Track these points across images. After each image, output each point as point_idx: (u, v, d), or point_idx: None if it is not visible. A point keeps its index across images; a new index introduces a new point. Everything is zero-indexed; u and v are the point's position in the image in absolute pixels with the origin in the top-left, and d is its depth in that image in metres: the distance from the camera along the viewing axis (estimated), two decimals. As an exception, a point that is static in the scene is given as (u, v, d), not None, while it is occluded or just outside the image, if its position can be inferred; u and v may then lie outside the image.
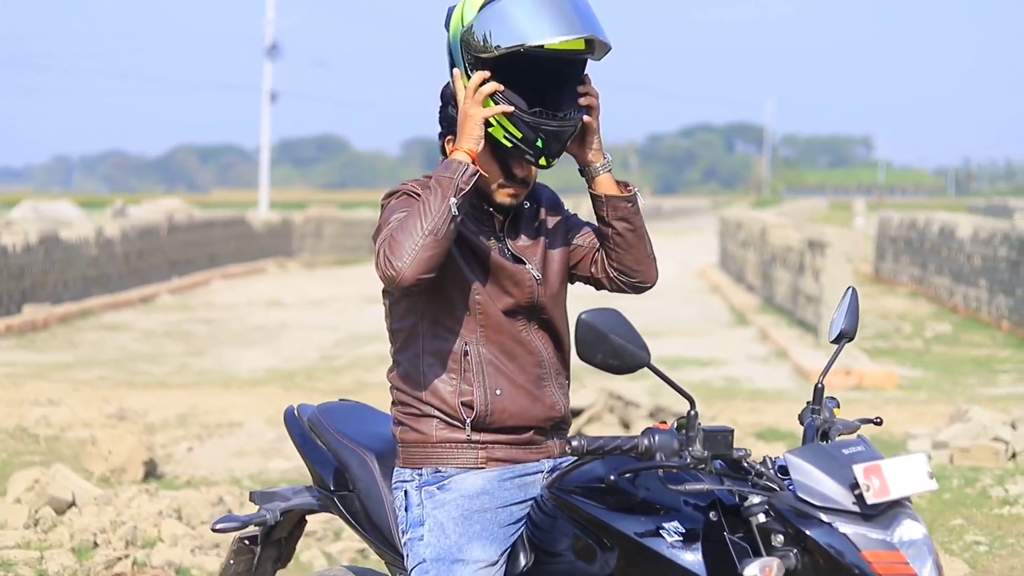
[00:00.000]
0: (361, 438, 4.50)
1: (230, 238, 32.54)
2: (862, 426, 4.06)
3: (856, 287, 4.35)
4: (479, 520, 4.07)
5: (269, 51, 56.52)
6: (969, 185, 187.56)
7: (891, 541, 3.51)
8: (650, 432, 3.67)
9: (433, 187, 3.91)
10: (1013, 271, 20.70)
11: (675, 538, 3.73)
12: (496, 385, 4.07)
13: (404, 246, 3.86)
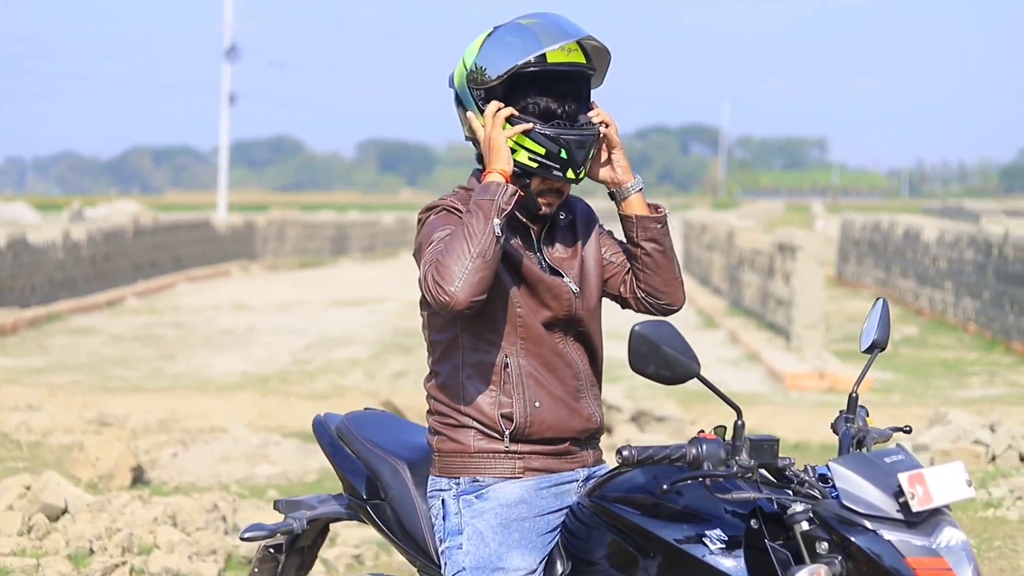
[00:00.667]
0: (392, 447, 4.53)
1: (194, 241, 32.46)
2: (893, 434, 4.12)
3: (882, 298, 4.41)
4: (518, 529, 4.11)
5: (228, 53, 56.35)
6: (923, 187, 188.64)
7: (934, 547, 3.58)
8: (698, 442, 3.73)
9: (474, 210, 3.97)
10: (979, 274, 20.89)
11: (718, 545, 3.78)
12: (536, 397, 4.11)
13: (453, 271, 3.91)
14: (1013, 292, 19.18)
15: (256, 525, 4.76)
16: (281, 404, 13.69)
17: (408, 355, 18.52)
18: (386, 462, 4.50)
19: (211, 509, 8.39)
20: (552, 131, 4.03)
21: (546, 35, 4.01)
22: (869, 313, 4.31)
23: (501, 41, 4.04)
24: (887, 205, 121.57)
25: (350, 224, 44.01)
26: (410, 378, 16.29)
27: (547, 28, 4.04)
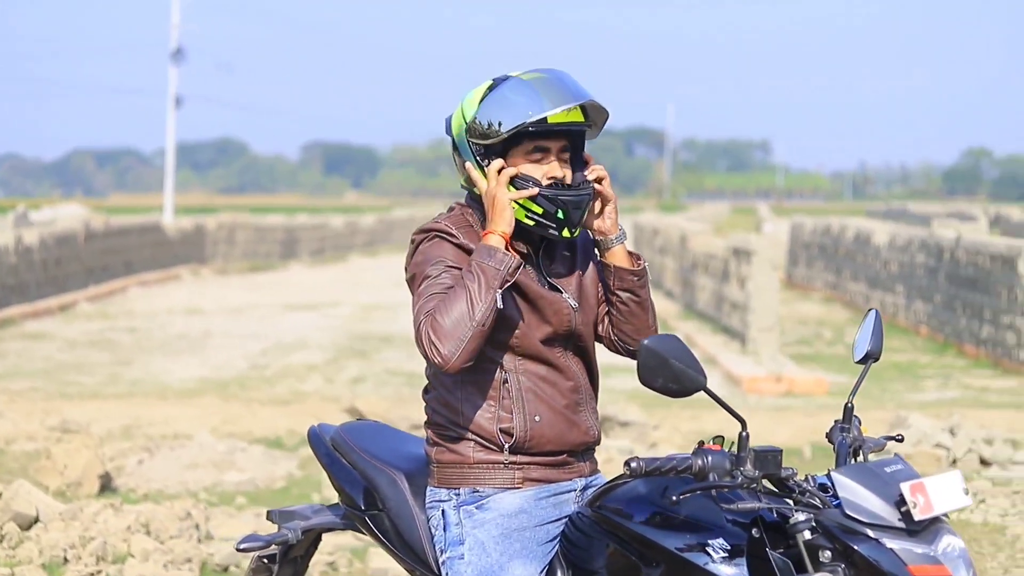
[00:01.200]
0: (389, 458, 4.57)
1: (145, 245, 32.30)
2: (887, 443, 4.21)
3: (874, 310, 4.48)
4: (518, 538, 4.17)
5: (174, 55, 56.03)
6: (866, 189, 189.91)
7: (935, 555, 3.66)
8: (703, 453, 3.80)
9: (476, 273, 4.04)
10: (931, 277, 21.10)
11: (720, 555, 3.84)
12: (535, 412, 4.17)
13: (452, 335, 4.00)
14: (965, 295, 19.39)
15: (252, 536, 4.80)
16: (243, 410, 13.68)
17: (365, 360, 18.53)
18: (383, 473, 4.54)
19: (184, 517, 8.38)
20: (550, 192, 4.13)
21: (550, 96, 4.08)
22: (861, 324, 4.39)
23: (504, 99, 4.11)
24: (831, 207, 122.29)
25: (299, 227, 43.90)
26: (369, 383, 16.30)
27: (550, 88, 4.09)
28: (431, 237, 4.18)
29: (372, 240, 52.23)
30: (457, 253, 4.14)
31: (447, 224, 4.19)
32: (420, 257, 4.17)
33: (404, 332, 21.81)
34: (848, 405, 4.14)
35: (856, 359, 4.33)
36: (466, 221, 4.22)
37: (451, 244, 4.15)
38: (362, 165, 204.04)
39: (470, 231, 4.19)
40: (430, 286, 4.09)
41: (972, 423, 12.16)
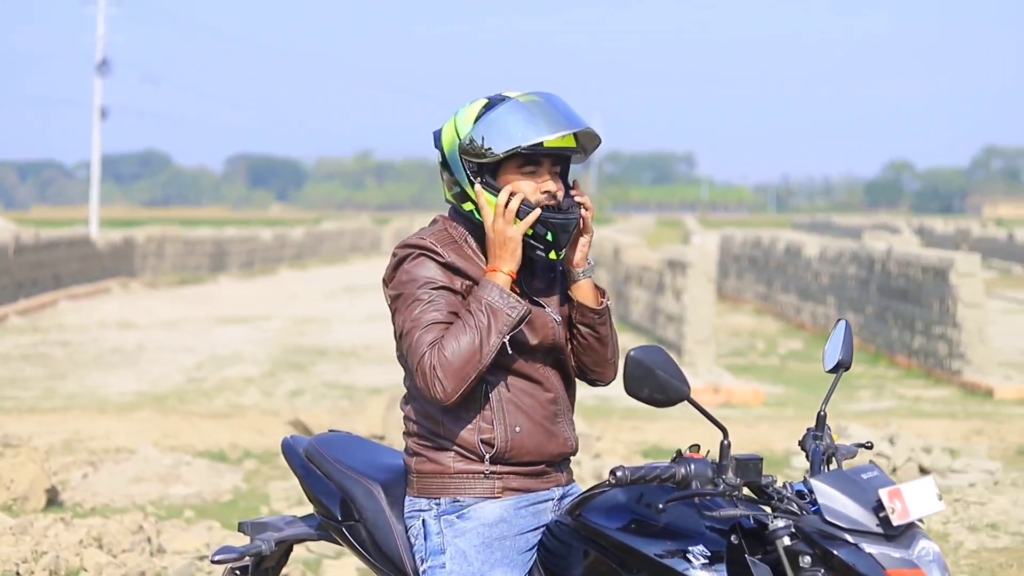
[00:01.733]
0: (364, 468, 4.61)
1: (74, 258, 32.06)
2: (859, 450, 4.29)
3: (843, 320, 4.58)
4: (499, 547, 4.22)
5: (99, 67, 55.67)
6: (789, 201, 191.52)
7: (912, 559, 3.75)
8: (685, 461, 3.87)
9: (486, 314, 4.10)
10: (862, 289, 21.36)
11: (701, 561, 3.91)
12: (516, 423, 4.23)
13: (459, 374, 4.07)
14: (896, 307, 19.64)
15: (226, 548, 4.81)
16: (183, 424, 13.63)
17: (302, 373, 18.51)
18: (359, 484, 4.57)
19: (136, 531, 8.36)
20: (542, 215, 4.18)
21: (547, 121, 4.13)
22: (831, 335, 4.47)
23: (500, 121, 4.15)
24: (755, 220, 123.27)
25: (228, 240, 43.71)
26: (307, 397, 16.29)
27: (547, 113, 4.15)
28: (416, 255, 4.20)
29: (301, 253, 52.08)
30: (443, 272, 4.18)
31: (432, 241, 4.21)
32: (405, 276, 4.19)
33: (339, 345, 21.81)
34: (821, 413, 4.21)
35: (827, 368, 4.41)
36: (450, 237, 4.25)
37: (436, 263, 4.18)
38: (287, 178, 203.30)
39: (455, 247, 4.23)
40: (425, 311, 4.13)
41: (909, 432, 12.35)
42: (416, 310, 4.15)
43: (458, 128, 4.22)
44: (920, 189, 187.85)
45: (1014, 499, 9.95)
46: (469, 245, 4.27)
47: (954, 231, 56.18)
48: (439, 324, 4.12)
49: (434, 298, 4.15)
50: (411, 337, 4.13)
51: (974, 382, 16.77)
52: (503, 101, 4.19)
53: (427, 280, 4.16)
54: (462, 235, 4.28)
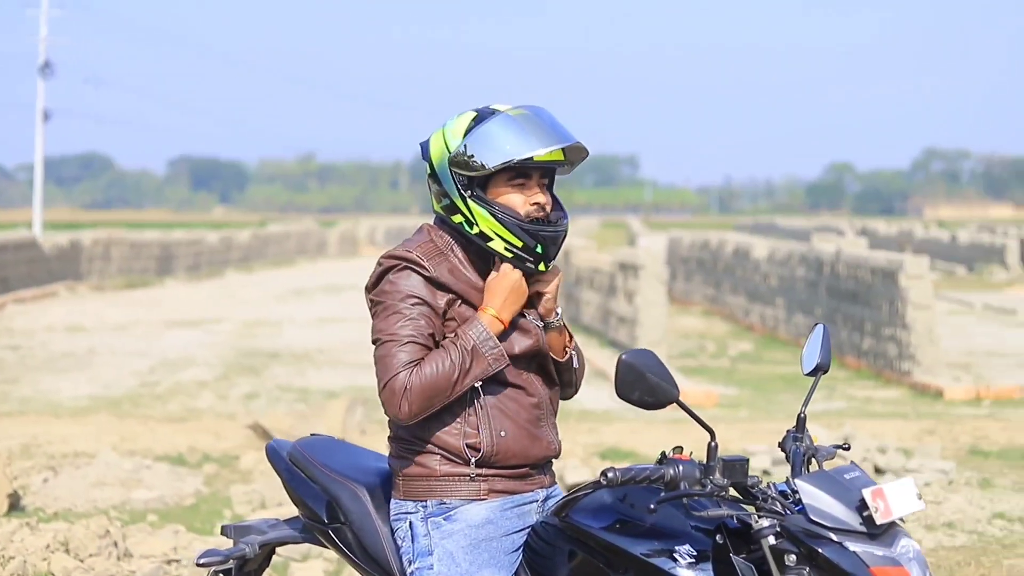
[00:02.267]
0: (349, 472, 4.67)
1: (20, 261, 31.86)
2: (837, 452, 4.39)
3: (821, 324, 4.67)
4: (486, 548, 4.30)
5: (42, 69, 55.30)
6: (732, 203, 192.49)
7: (894, 557, 3.85)
8: (673, 462, 3.95)
9: (468, 354, 4.19)
10: (811, 291, 21.54)
11: (687, 560, 4.00)
12: (501, 427, 4.30)
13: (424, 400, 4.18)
14: (846, 308, 19.84)
15: (211, 551, 4.86)
16: (140, 428, 13.61)
17: (255, 376, 18.50)
18: (344, 487, 4.63)
19: (103, 535, 8.37)
20: (531, 227, 4.25)
21: (537, 136, 4.20)
22: (809, 338, 4.56)
23: (491, 135, 4.21)
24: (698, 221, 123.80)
25: (175, 243, 43.54)
26: (262, 400, 16.29)
27: (537, 128, 4.21)
28: (401, 267, 4.26)
29: (247, 256, 51.93)
30: (426, 287, 4.24)
31: (419, 255, 4.27)
32: (388, 286, 4.25)
33: (291, 348, 21.81)
34: (801, 415, 4.31)
35: (805, 371, 4.51)
36: (437, 248, 4.30)
37: (421, 276, 4.24)
38: (229, 180, 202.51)
39: (441, 259, 4.28)
40: (404, 327, 4.19)
41: (863, 433, 12.51)
42: (395, 322, 4.21)
43: (447, 140, 4.28)
44: (861, 191, 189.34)
45: (969, 498, 10.10)
46: (455, 254, 4.33)
47: (897, 232, 56.68)
48: (415, 344, 4.19)
49: (414, 315, 4.21)
50: (386, 349, 4.20)
51: (924, 383, 16.97)
52: (493, 115, 4.25)
53: (409, 294, 4.23)
54: (448, 244, 4.33)
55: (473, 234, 4.28)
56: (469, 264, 4.33)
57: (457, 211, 4.29)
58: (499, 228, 4.24)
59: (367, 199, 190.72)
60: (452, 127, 4.29)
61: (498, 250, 4.26)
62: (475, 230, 4.27)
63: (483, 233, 4.26)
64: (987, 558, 8.58)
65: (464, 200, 4.26)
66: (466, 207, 4.26)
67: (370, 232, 75.81)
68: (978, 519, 9.55)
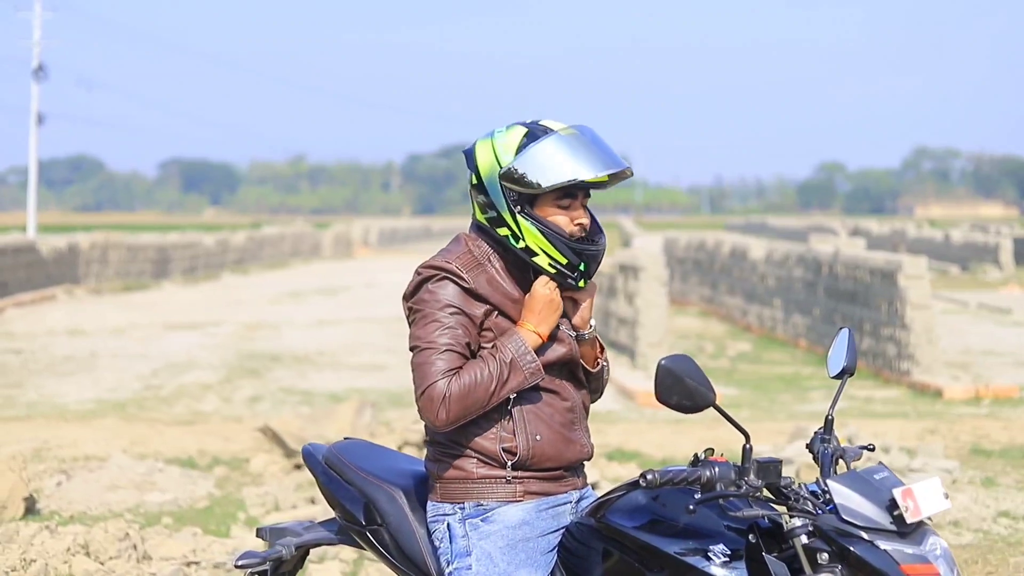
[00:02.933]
0: (385, 474, 4.78)
1: (19, 265, 31.93)
2: (863, 452, 4.51)
3: (846, 328, 4.79)
4: (523, 548, 4.42)
5: (35, 73, 55.36)
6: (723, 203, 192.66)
7: (923, 555, 3.97)
8: (709, 464, 4.07)
9: (506, 367, 4.31)
10: (809, 291, 21.67)
11: (721, 559, 4.12)
12: (536, 431, 4.43)
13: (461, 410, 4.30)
14: (844, 308, 19.97)
15: (249, 552, 4.97)
16: (149, 431, 13.70)
17: (258, 379, 18.59)
18: (381, 489, 4.75)
19: (122, 538, 8.48)
20: (576, 246, 4.38)
21: (590, 160, 4.32)
22: (834, 342, 4.67)
23: (545, 156, 4.32)
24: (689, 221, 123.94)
25: (171, 246, 43.60)
26: (266, 402, 16.38)
27: (589, 151, 4.33)
28: (440, 277, 4.37)
29: (243, 258, 52.00)
30: (463, 297, 4.35)
31: (457, 265, 4.38)
32: (427, 295, 4.36)
33: (292, 351, 21.90)
34: (829, 417, 4.42)
35: (831, 374, 4.62)
36: (475, 260, 4.41)
37: (459, 287, 4.36)
38: (220, 182, 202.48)
39: (479, 271, 4.39)
40: (442, 335, 4.30)
41: (866, 433, 12.64)
42: (433, 331, 4.32)
43: (498, 154, 4.37)
44: (852, 190, 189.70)
45: (974, 497, 10.23)
46: (493, 265, 4.44)
47: (890, 232, 56.84)
48: (453, 352, 4.30)
49: (451, 324, 4.32)
50: (424, 356, 4.31)
51: (923, 382, 17.10)
52: (545, 134, 4.35)
53: (447, 303, 4.34)
54: (485, 254, 4.44)
55: (518, 248, 4.39)
56: (507, 274, 4.43)
57: (503, 224, 4.39)
58: (546, 245, 4.36)
59: (358, 200, 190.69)
60: (503, 141, 4.39)
61: (542, 265, 4.37)
62: (521, 244, 4.38)
63: (529, 248, 4.38)
64: (993, 556, 8.70)
65: (513, 215, 4.37)
66: (514, 221, 4.37)
67: (364, 233, 75.88)
68: (983, 518, 9.68)
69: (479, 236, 4.47)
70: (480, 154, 4.42)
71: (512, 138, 4.38)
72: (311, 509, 9.82)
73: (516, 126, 4.41)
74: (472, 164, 4.45)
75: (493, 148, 4.39)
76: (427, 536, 4.61)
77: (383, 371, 19.32)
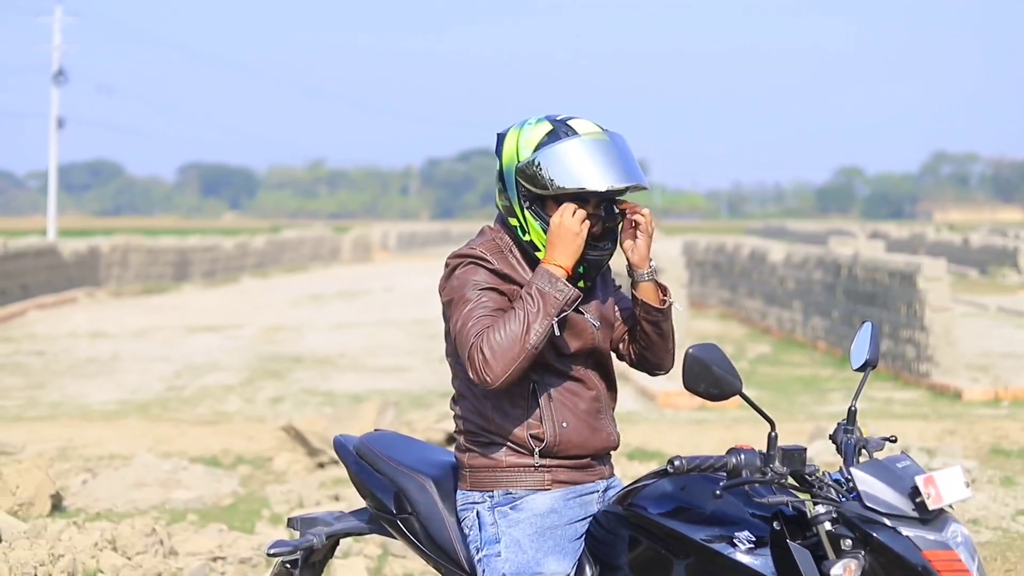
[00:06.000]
0: (416, 464, 4.87)
1: (41, 268, 32.12)
2: (885, 443, 4.59)
3: (869, 322, 4.87)
4: (551, 536, 4.50)
5: (55, 77, 55.68)
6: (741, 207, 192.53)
7: (945, 541, 4.04)
8: (736, 452, 4.15)
9: (536, 297, 4.32)
10: (828, 294, 21.72)
11: (746, 545, 4.20)
12: (563, 419, 4.50)
13: (504, 356, 4.28)
14: (863, 311, 20.02)
15: (280, 541, 5.06)
16: (173, 431, 13.82)
17: (280, 380, 18.70)
18: (412, 479, 4.83)
19: (149, 533, 8.57)
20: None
21: (609, 170, 4.34)
22: (857, 336, 4.74)
23: (564, 159, 4.36)
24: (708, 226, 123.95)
25: (191, 249, 43.78)
26: (288, 403, 16.48)
27: (607, 160, 4.36)
28: (467, 263, 4.45)
29: (262, 262, 52.16)
30: (492, 277, 4.42)
31: (482, 251, 4.46)
32: (456, 282, 4.43)
33: (313, 353, 22.01)
34: (852, 408, 4.50)
35: (854, 367, 4.70)
36: (498, 247, 4.49)
37: (486, 270, 4.43)
38: (239, 187, 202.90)
39: (503, 257, 4.48)
40: (474, 308, 4.37)
41: (885, 434, 12.66)
42: (466, 308, 4.38)
43: (520, 148, 4.44)
44: (870, 195, 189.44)
45: (992, 495, 10.28)
46: (514, 255, 4.51)
47: (909, 236, 56.79)
48: (488, 316, 4.35)
49: (484, 300, 4.39)
50: (462, 333, 4.37)
51: (943, 384, 17.14)
52: (567, 135, 4.39)
53: (479, 284, 4.40)
54: (508, 245, 4.52)
55: (524, 240, 4.47)
56: (527, 265, 4.51)
57: (514, 215, 4.48)
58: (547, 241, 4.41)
59: (377, 205, 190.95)
60: (527, 135, 4.44)
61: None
62: (527, 237, 4.47)
63: (533, 243, 4.46)
64: (1012, 554, 8.77)
65: (522, 209, 4.45)
66: (522, 215, 4.45)
67: (383, 237, 76.03)
68: (1002, 516, 9.74)
69: (503, 228, 4.55)
70: (507, 143, 4.49)
71: (535, 133, 4.43)
72: (335, 506, 9.91)
73: (544, 121, 4.45)
74: (499, 150, 4.51)
75: (517, 139, 4.45)
76: (457, 525, 4.69)
77: (404, 373, 19.41)
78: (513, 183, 4.45)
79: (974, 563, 4.06)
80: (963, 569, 4.02)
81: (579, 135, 4.39)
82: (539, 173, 4.38)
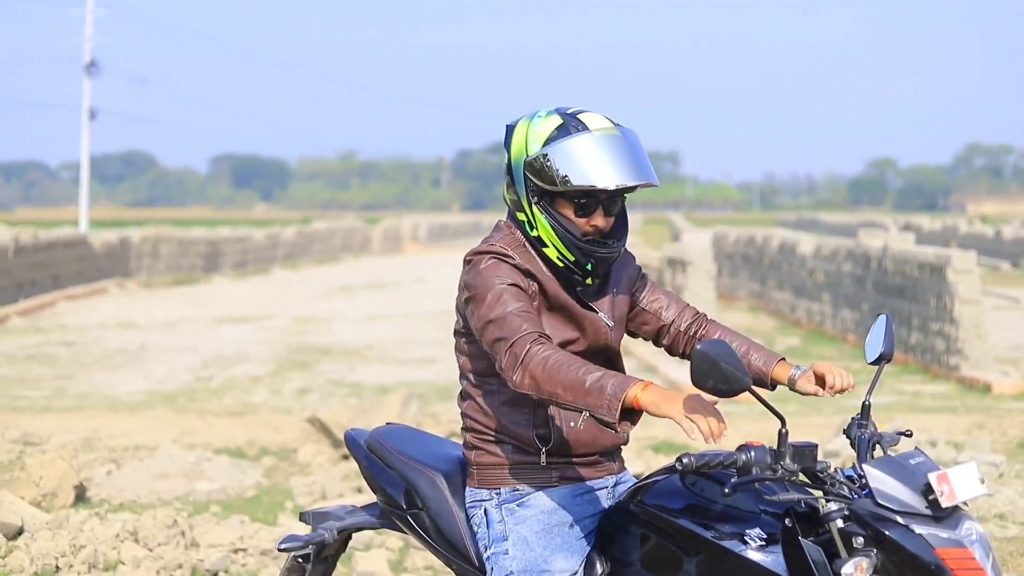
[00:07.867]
0: (426, 459, 4.83)
1: (71, 259, 32.23)
2: (900, 438, 4.53)
3: (884, 314, 4.81)
4: (559, 533, 4.45)
5: (88, 68, 55.86)
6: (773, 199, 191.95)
7: (959, 539, 3.98)
8: (746, 448, 4.10)
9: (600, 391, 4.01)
10: (858, 286, 21.61)
11: (757, 543, 4.15)
12: (571, 417, 4.43)
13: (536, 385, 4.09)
14: (892, 303, 19.91)
15: (291, 536, 5.04)
16: (198, 422, 13.83)
17: (307, 371, 18.71)
18: (422, 474, 4.79)
19: (170, 525, 8.57)
20: (586, 247, 4.34)
21: (618, 168, 4.23)
22: (872, 328, 4.69)
23: (574, 153, 4.25)
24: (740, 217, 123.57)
25: (222, 240, 43.87)
26: (314, 395, 16.49)
27: (618, 157, 4.24)
28: (489, 258, 4.35)
29: (293, 253, 52.23)
30: (515, 273, 4.33)
31: (502, 246, 4.38)
32: (480, 279, 4.31)
33: (341, 344, 22.02)
34: (866, 403, 4.44)
35: (869, 360, 4.64)
36: (518, 241, 4.40)
37: (509, 265, 4.34)
38: (271, 178, 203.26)
39: (524, 251, 4.39)
40: (509, 301, 4.23)
41: (913, 427, 12.61)
42: (497, 298, 4.25)
43: (528, 141, 4.34)
44: (903, 187, 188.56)
45: (1020, 491, 10.19)
46: (531, 250, 4.44)
47: (941, 228, 56.48)
48: (528, 314, 4.22)
49: (512, 293, 4.27)
50: (503, 321, 4.20)
51: (972, 377, 17.03)
52: (577, 131, 4.28)
53: (502, 279, 4.30)
54: (521, 240, 4.42)
55: (532, 236, 4.39)
56: (541, 261, 4.45)
57: (521, 209, 4.39)
58: (556, 240, 4.34)
59: (408, 196, 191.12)
60: (537, 128, 4.34)
61: (551, 257, 4.36)
62: (534, 233, 4.38)
63: (540, 238, 4.37)
64: (1038, 549, 8.68)
65: (530, 204, 4.36)
66: (530, 210, 4.36)
67: (413, 229, 76.05)
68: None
69: (515, 224, 4.49)
70: (515, 136, 4.39)
71: (545, 127, 4.33)
72: (358, 498, 9.90)
73: (554, 115, 4.35)
74: (508, 143, 4.42)
75: (527, 132, 4.36)
76: (467, 520, 4.65)
77: (432, 364, 19.39)
78: (521, 177, 4.36)
79: (988, 561, 4.00)
80: (977, 567, 3.96)
81: (590, 130, 4.29)
82: (548, 168, 4.28)
